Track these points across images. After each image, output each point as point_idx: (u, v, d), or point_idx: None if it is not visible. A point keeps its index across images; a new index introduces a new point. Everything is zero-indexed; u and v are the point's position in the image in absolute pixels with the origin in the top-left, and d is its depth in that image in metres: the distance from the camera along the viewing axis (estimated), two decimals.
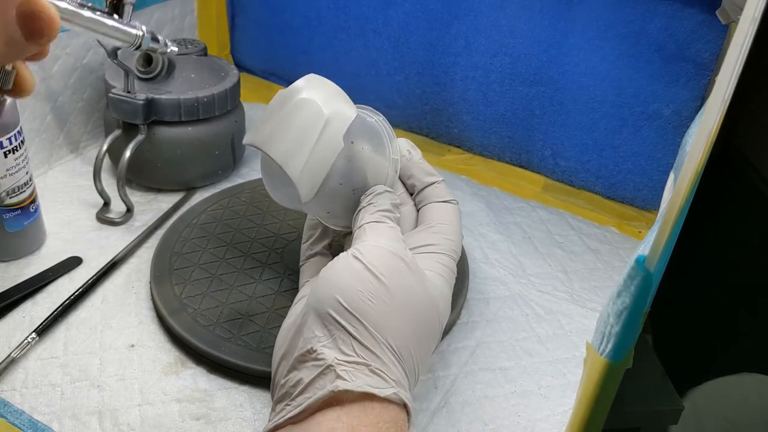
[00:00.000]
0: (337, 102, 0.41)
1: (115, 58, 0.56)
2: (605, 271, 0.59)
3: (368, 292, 0.35)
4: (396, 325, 0.35)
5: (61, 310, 0.48)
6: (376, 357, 0.34)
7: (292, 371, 0.36)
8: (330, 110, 0.40)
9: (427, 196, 0.44)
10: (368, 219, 0.40)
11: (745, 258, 0.65)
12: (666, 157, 0.65)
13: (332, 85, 0.42)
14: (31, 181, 0.53)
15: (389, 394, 0.33)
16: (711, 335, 0.67)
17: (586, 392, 0.27)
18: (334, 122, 0.40)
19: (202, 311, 0.48)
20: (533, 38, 0.66)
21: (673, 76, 0.61)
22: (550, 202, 0.69)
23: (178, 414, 0.42)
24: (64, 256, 0.54)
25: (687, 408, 0.49)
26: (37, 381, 0.44)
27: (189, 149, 0.61)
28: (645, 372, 0.50)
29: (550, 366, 0.48)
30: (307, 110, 0.40)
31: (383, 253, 0.37)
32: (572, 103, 0.67)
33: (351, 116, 0.41)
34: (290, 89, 0.41)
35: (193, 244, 0.55)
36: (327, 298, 0.35)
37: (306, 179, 0.40)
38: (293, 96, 0.41)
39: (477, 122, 0.73)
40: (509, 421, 0.44)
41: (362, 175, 0.42)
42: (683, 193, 0.23)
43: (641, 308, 0.24)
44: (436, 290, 0.39)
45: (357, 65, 0.78)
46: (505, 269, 0.58)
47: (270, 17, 0.82)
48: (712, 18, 0.57)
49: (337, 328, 0.35)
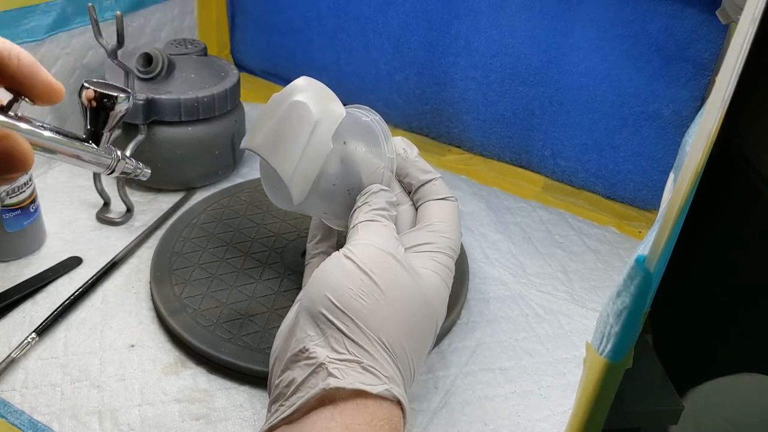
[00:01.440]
0: (327, 104, 0.42)
1: (115, 58, 0.56)
2: (605, 271, 0.59)
3: (359, 290, 0.35)
4: (388, 323, 0.35)
5: (61, 310, 0.48)
6: (368, 354, 0.34)
7: (286, 371, 0.36)
8: (319, 112, 0.41)
9: (425, 194, 0.44)
10: (362, 218, 0.40)
11: (745, 258, 0.65)
12: (666, 157, 0.65)
13: (323, 87, 0.43)
14: (31, 181, 0.53)
15: (381, 390, 0.33)
16: (711, 335, 0.67)
17: (585, 392, 0.27)
18: (323, 124, 0.40)
19: (202, 311, 0.48)
20: (533, 38, 0.66)
21: (673, 76, 0.61)
22: (550, 202, 0.69)
23: (178, 414, 0.42)
24: (64, 256, 0.54)
25: (687, 408, 0.49)
26: (37, 381, 0.44)
27: (189, 149, 0.61)
28: (645, 372, 0.50)
29: (550, 366, 0.48)
30: (298, 112, 0.40)
31: (374, 251, 0.37)
32: (572, 103, 0.67)
33: (339, 117, 0.41)
34: (282, 92, 0.42)
35: (193, 243, 0.55)
36: (318, 297, 0.36)
37: (297, 181, 0.40)
38: (284, 99, 0.41)
39: (477, 122, 0.73)
40: (509, 421, 0.44)
41: (357, 176, 0.42)
42: (683, 193, 0.23)
43: (641, 308, 0.24)
44: (430, 287, 0.38)
45: (357, 65, 0.78)
46: (505, 269, 0.58)
47: (270, 17, 0.82)
48: (712, 18, 0.57)
49: (329, 326, 0.35)
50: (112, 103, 0.33)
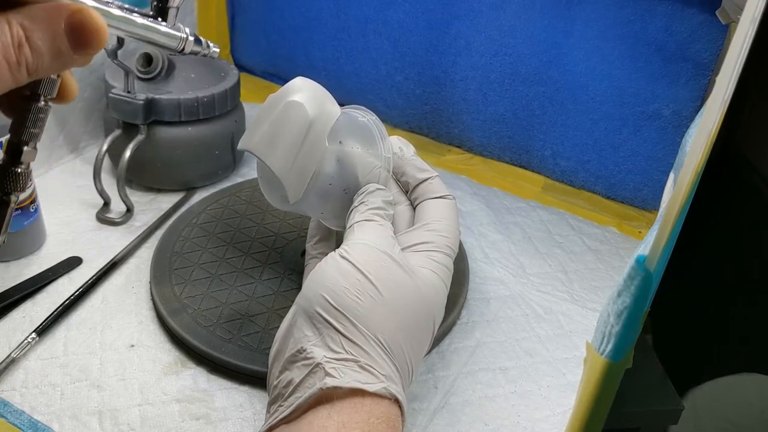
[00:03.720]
0: (323, 103, 0.42)
1: (115, 58, 0.56)
2: (605, 271, 0.59)
3: (355, 289, 0.35)
4: (385, 321, 0.35)
5: (61, 310, 0.48)
6: (365, 353, 0.34)
7: (284, 372, 0.36)
8: (315, 112, 0.41)
9: (422, 193, 0.44)
10: (358, 218, 0.40)
11: (745, 258, 0.65)
12: (666, 157, 0.65)
13: (319, 87, 0.43)
14: (31, 181, 0.53)
15: (378, 389, 0.33)
16: (711, 335, 0.67)
17: (586, 392, 0.27)
18: (318, 123, 0.41)
19: (202, 311, 0.48)
20: (533, 38, 0.66)
21: (673, 76, 0.61)
22: (550, 202, 0.69)
23: (178, 414, 0.42)
24: (64, 256, 0.54)
25: (687, 408, 0.49)
26: (37, 381, 0.44)
27: (189, 149, 0.61)
28: (645, 372, 0.50)
29: (550, 366, 0.48)
30: (293, 112, 0.41)
31: (369, 250, 0.37)
32: (572, 103, 0.67)
33: (334, 117, 0.41)
34: (278, 93, 0.42)
35: (193, 243, 0.55)
36: (315, 297, 0.36)
37: (293, 181, 0.41)
38: (280, 99, 0.42)
39: (477, 122, 0.73)
40: (509, 421, 0.44)
41: (353, 175, 0.43)
42: (683, 193, 0.23)
43: (641, 308, 0.24)
44: (427, 286, 0.38)
45: (357, 65, 0.78)
46: (505, 269, 0.58)
47: (270, 17, 0.82)
48: (712, 18, 0.57)
49: (325, 326, 0.35)
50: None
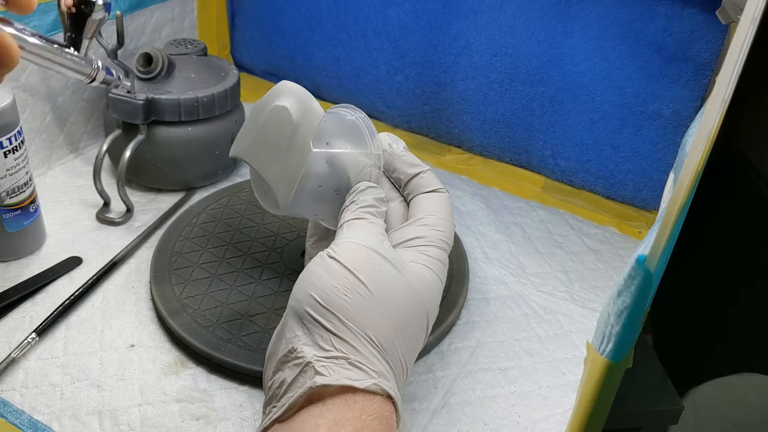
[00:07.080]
0: (307, 107, 0.42)
1: (115, 58, 0.56)
2: (605, 271, 0.59)
3: (343, 287, 0.35)
4: (375, 318, 0.35)
5: (61, 310, 0.48)
6: (355, 350, 0.34)
7: (277, 372, 0.36)
8: (299, 116, 0.41)
9: (414, 187, 0.44)
10: (348, 217, 0.40)
11: (745, 258, 0.65)
12: (666, 157, 0.65)
13: (303, 91, 0.43)
14: (31, 181, 0.53)
15: (369, 385, 0.33)
16: (711, 335, 0.67)
17: (586, 392, 0.27)
18: (302, 127, 0.41)
19: (202, 311, 0.48)
20: (533, 38, 0.66)
21: (673, 76, 0.61)
22: (550, 202, 0.69)
23: (178, 414, 0.42)
24: (64, 256, 0.54)
25: (687, 408, 0.49)
26: (37, 381, 0.44)
27: (189, 149, 0.61)
28: (645, 372, 0.50)
29: (550, 366, 0.48)
30: (278, 117, 0.41)
31: (357, 248, 0.37)
32: (572, 103, 0.67)
33: (318, 119, 0.41)
34: (263, 98, 0.43)
35: (193, 243, 0.55)
36: (303, 296, 0.36)
37: (282, 185, 0.41)
38: (266, 105, 0.42)
39: (477, 122, 0.73)
40: (509, 421, 0.44)
41: (344, 175, 0.43)
42: (683, 193, 0.23)
43: (641, 308, 0.24)
44: (418, 281, 0.38)
45: (357, 65, 0.78)
46: (505, 269, 0.58)
47: (270, 17, 0.82)
48: (712, 18, 0.57)
49: (315, 325, 0.35)
50: (89, 9, 0.36)
